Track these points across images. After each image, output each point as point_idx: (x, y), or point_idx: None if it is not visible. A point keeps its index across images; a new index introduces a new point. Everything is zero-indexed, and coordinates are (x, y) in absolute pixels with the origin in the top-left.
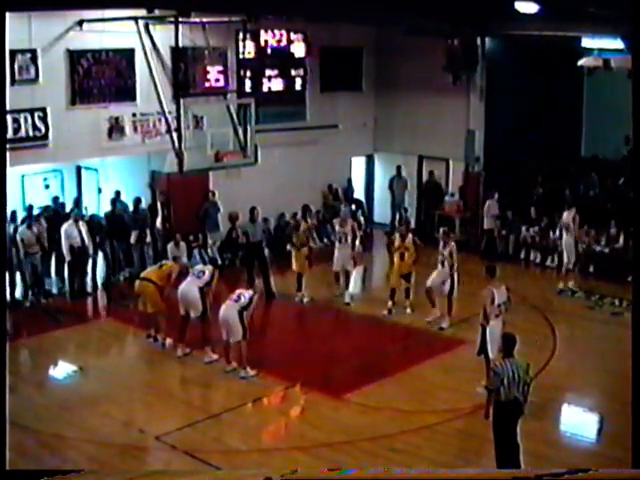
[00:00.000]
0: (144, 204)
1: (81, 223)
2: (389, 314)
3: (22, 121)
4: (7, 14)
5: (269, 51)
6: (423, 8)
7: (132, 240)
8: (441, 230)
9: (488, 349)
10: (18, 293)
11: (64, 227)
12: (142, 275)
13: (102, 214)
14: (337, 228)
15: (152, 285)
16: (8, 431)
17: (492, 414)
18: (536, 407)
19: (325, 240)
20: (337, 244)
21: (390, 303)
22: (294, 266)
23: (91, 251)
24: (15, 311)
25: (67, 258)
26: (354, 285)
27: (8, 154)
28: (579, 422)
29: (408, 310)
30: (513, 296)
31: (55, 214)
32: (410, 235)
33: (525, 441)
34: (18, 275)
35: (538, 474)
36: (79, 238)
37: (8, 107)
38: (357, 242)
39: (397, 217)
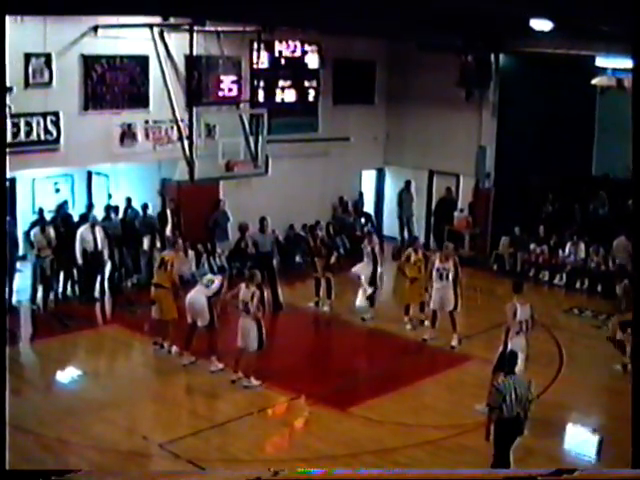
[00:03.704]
0: (153, 211)
1: (97, 228)
2: (414, 329)
3: (34, 124)
4: (23, 18)
5: (283, 62)
6: (437, 23)
7: (145, 246)
8: (446, 245)
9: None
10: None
11: (80, 230)
12: (154, 281)
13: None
14: (366, 247)
15: (164, 290)
16: (11, 434)
17: (494, 432)
18: (540, 425)
19: (335, 253)
20: (365, 259)
21: (406, 318)
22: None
23: (105, 256)
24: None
25: (79, 262)
26: (360, 299)
27: (20, 157)
28: (582, 441)
29: (426, 323)
30: None
31: (66, 218)
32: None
33: (529, 458)
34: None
35: (532, 474)
36: (93, 243)
37: (21, 111)
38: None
39: (405, 232)
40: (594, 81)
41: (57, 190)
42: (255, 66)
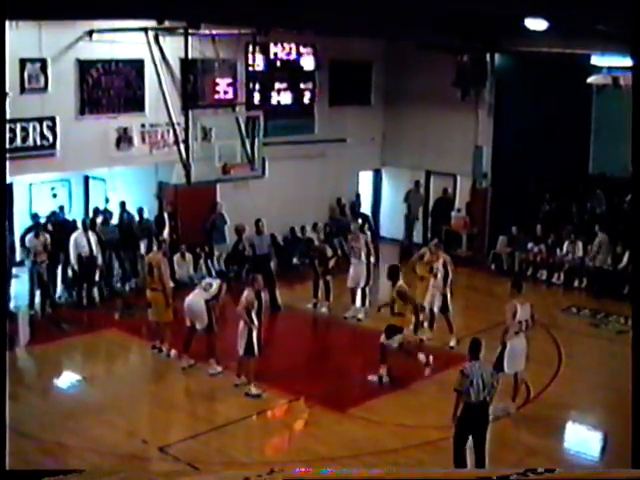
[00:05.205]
0: (150, 215)
1: (90, 233)
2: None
3: (30, 130)
4: (18, 23)
5: (278, 64)
6: (433, 24)
7: (142, 250)
8: (432, 242)
9: (504, 365)
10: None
11: (74, 236)
12: (149, 285)
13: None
14: (352, 244)
15: (158, 293)
16: (11, 438)
17: (459, 416)
18: (539, 424)
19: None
20: (352, 260)
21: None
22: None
23: (99, 261)
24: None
25: (75, 267)
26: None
27: (16, 163)
28: (583, 440)
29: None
30: None
31: (61, 223)
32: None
33: (528, 458)
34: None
35: (501, 474)
36: (88, 248)
37: (17, 116)
38: (372, 258)
39: (412, 232)
40: (590, 80)
41: (54, 195)
42: (251, 69)
